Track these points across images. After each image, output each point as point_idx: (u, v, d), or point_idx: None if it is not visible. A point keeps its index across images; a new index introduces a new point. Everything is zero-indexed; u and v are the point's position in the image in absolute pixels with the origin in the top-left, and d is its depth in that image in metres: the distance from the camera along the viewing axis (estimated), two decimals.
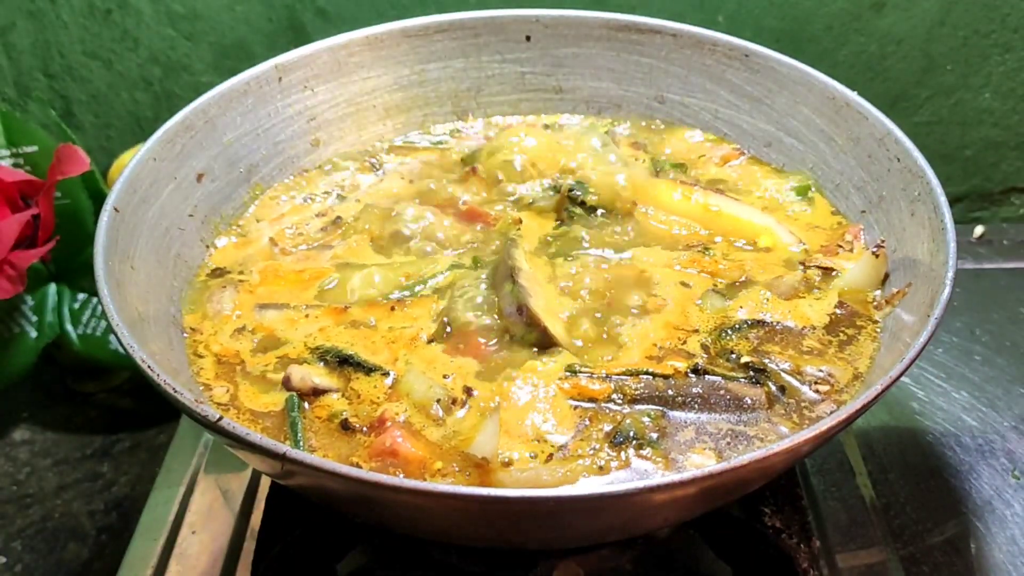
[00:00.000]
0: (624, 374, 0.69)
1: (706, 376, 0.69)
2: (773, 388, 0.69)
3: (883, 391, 0.59)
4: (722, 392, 0.68)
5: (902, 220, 0.77)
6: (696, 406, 0.68)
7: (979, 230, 1.19)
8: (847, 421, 0.58)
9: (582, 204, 0.86)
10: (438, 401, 0.67)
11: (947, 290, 0.65)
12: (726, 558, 0.78)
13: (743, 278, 0.78)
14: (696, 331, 0.73)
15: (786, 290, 0.77)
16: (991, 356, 1.00)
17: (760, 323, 0.74)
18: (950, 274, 0.67)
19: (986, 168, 1.21)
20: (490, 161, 0.91)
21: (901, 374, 0.60)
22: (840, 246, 0.80)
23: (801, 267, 0.79)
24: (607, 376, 0.69)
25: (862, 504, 0.83)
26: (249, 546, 0.80)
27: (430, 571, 0.77)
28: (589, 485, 0.62)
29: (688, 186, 0.86)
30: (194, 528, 0.81)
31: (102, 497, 0.91)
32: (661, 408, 0.68)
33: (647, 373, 0.69)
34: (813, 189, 0.87)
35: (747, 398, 0.68)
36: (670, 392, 0.68)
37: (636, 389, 0.68)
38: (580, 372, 0.69)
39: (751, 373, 0.70)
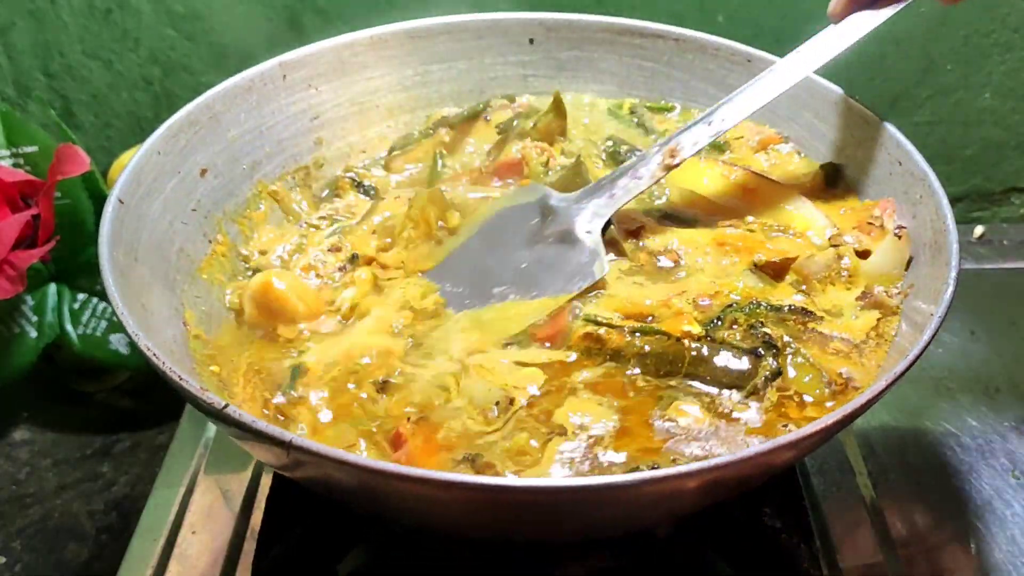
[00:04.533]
0: (637, 331, 0.70)
1: (716, 345, 0.70)
2: (772, 363, 0.68)
3: (883, 391, 0.59)
4: (726, 367, 0.69)
5: (904, 222, 0.78)
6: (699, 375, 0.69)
7: (979, 230, 1.19)
8: (847, 420, 0.58)
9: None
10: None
11: (949, 291, 0.66)
12: (726, 558, 0.78)
13: (777, 259, 0.77)
14: (729, 305, 0.73)
15: (818, 269, 0.76)
16: (991, 356, 1.00)
17: (791, 309, 0.73)
18: (952, 275, 0.67)
19: (987, 168, 1.21)
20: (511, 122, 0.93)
21: (902, 374, 0.60)
22: (871, 223, 0.79)
23: (833, 248, 0.78)
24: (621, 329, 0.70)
25: (862, 504, 0.83)
26: (249, 546, 0.79)
27: (430, 571, 0.77)
28: (590, 477, 0.62)
29: (728, 165, 0.85)
30: (194, 528, 0.81)
31: (102, 497, 0.91)
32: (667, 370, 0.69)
33: (660, 332, 0.70)
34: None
35: (747, 378, 0.68)
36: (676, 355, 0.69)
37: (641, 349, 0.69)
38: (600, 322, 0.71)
39: (759, 351, 0.69)
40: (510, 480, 0.57)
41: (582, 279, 0.75)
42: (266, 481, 0.84)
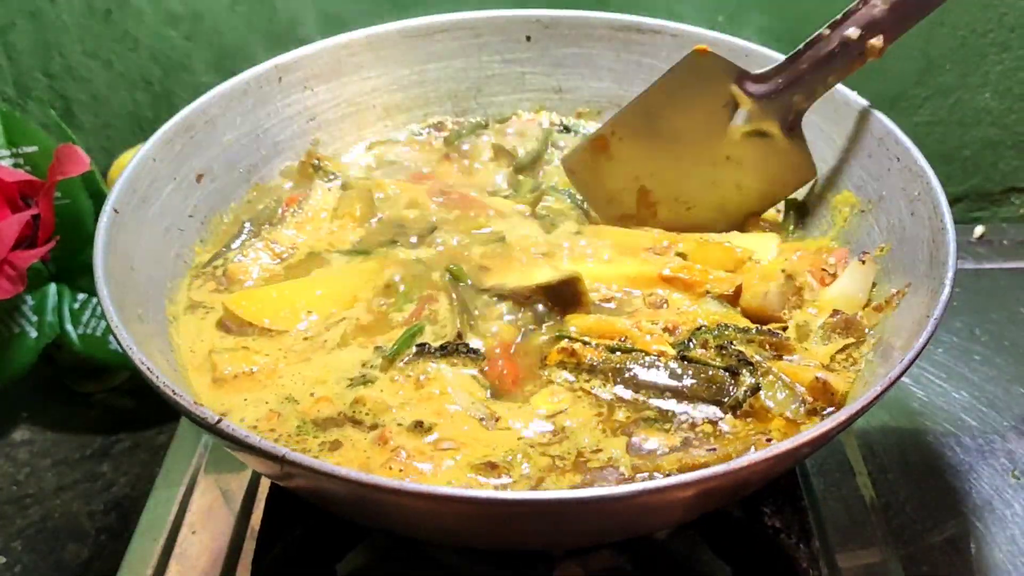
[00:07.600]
0: (615, 348, 0.70)
1: (690, 363, 0.70)
2: (749, 379, 0.68)
3: (883, 391, 0.59)
4: (705, 385, 0.69)
5: (902, 220, 0.77)
6: (673, 393, 0.69)
7: (979, 230, 1.19)
8: (847, 422, 0.58)
9: None
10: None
11: (947, 290, 0.65)
12: (726, 558, 0.78)
13: (730, 290, 0.77)
14: (698, 328, 0.73)
15: (775, 299, 0.76)
16: (991, 356, 1.00)
17: (759, 330, 0.73)
18: (950, 274, 0.67)
19: (986, 168, 1.21)
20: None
21: (901, 374, 0.60)
22: (824, 270, 0.79)
23: (783, 272, 0.77)
24: (597, 346, 0.71)
25: (862, 504, 0.83)
26: (249, 546, 0.80)
27: (430, 571, 0.77)
28: (590, 488, 0.62)
29: (655, 255, 0.83)
30: (194, 528, 0.81)
31: (102, 497, 0.91)
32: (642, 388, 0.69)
33: (636, 350, 0.70)
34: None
35: (726, 394, 0.68)
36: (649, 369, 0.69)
37: (620, 365, 0.69)
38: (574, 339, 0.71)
39: (735, 368, 0.69)
40: (504, 493, 0.57)
41: (796, 181, 0.83)
42: (266, 481, 0.84)
